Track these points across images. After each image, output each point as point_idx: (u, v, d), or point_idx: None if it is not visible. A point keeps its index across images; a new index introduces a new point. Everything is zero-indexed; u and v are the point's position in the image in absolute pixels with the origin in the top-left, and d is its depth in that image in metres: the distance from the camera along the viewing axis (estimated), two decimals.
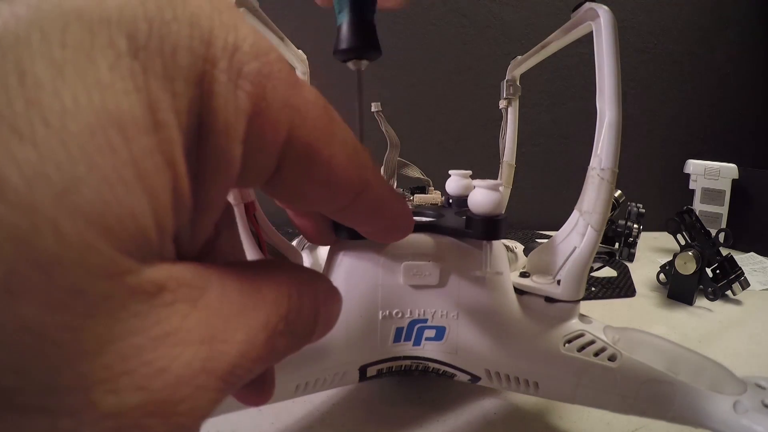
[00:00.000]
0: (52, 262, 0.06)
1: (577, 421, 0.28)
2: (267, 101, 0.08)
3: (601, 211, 0.21)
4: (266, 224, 0.23)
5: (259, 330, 0.09)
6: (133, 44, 0.07)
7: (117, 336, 0.07)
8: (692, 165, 0.79)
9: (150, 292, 0.07)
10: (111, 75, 0.07)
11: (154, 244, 0.07)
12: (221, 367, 0.08)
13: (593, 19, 0.22)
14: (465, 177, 0.27)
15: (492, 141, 0.44)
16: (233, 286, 0.09)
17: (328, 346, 0.20)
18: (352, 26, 0.19)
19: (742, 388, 0.21)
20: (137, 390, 0.07)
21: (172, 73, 0.07)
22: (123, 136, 0.07)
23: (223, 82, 0.08)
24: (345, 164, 0.10)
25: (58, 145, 0.06)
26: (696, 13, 0.92)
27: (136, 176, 0.07)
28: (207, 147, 0.08)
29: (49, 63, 0.06)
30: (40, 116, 0.06)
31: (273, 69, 0.08)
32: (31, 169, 0.06)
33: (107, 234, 0.06)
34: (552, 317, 0.22)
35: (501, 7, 0.82)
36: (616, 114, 0.21)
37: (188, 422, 0.07)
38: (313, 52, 0.41)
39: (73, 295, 0.06)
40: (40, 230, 0.06)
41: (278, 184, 0.10)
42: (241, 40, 0.08)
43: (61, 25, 0.06)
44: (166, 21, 0.07)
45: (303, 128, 0.09)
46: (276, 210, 0.15)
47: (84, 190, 0.06)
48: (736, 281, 0.51)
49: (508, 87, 0.39)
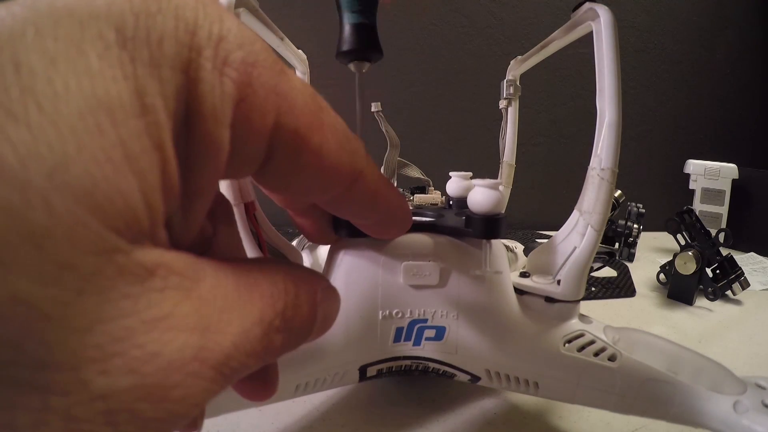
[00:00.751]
0: (43, 235, 0.06)
1: (577, 421, 0.28)
2: (253, 88, 0.09)
3: (601, 211, 0.21)
4: (266, 224, 0.23)
5: (254, 324, 0.09)
6: (121, 36, 0.07)
7: (108, 316, 0.07)
8: (692, 165, 0.79)
9: (139, 274, 0.07)
10: (100, 63, 0.07)
11: (144, 224, 0.07)
12: (214, 357, 0.08)
13: (593, 19, 0.22)
14: (465, 178, 0.27)
15: (492, 141, 0.44)
16: (229, 280, 0.09)
17: (328, 345, 0.20)
18: (353, 28, 0.20)
19: (742, 388, 0.21)
20: (128, 373, 0.07)
21: (159, 60, 0.08)
22: (111, 119, 0.07)
23: (209, 69, 0.08)
24: (336, 151, 0.10)
25: (50, 127, 0.06)
26: (696, 13, 0.92)
27: (124, 156, 0.07)
28: (195, 132, 0.08)
29: (43, 54, 0.07)
30: (34, 101, 0.06)
31: (258, 57, 0.09)
32: (25, 148, 0.06)
33: (96, 210, 0.07)
34: (552, 317, 0.22)
35: (501, 7, 0.82)
36: (616, 114, 0.21)
37: (180, 409, 0.07)
38: (313, 52, 0.41)
39: (63, 268, 0.06)
40: (32, 205, 0.06)
41: (270, 173, 0.10)
42: (226, 31, 0.08)
43: (54, 20, 0.07)
44: (151, 13, 0.08)
45: (290, 115, 0.09)
46: (276, 210, 0.15)
47: (73, 169, 0.06)
48: (736, 281, 0.51)
49: (508, 87, 0.39)
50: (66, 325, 0.06)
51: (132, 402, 0.07)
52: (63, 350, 0.06)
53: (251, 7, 0.23)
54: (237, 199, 0.21)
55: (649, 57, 0.91)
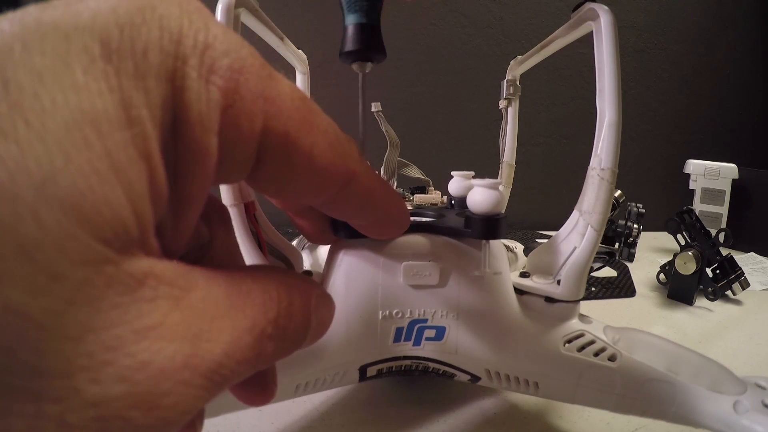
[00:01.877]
0: (33, 247, 0.06)
1: (577, 421, 0.28)
2: (240, 94, 0.09)
3: (601, 211, 0.21)
4: (266, 224, 0.23)
5: (246, 332, 0.09)
6: (106, 48, 0.07)
7: (99, 325, 0.07)
8: (692, 165, 0.79)
9: (129, 284, 0.07)
10: (85, 77, 0.07)
11: (133, 233, 0.08)
12: (205, 365, 0.08)
13: (593, 19, 0.22)
14: (467, 178, 0.27)
15: (492, 141, 0.44)
16: (220, 289, 0.09)
17: (328, 346, 0.20)
18: (357, 29, 0.20)
19: (742, 388, 0.21)
20: (120, 381, 0.07)
21: (144, 71, 0.08)
22: (97, 132, 0.07)
23: (195, 78, 0.08)
24: (327, 153, 0.10)
25: (38, 142, 0.07)
26: (696, 13, 0.92)
27: (110, 168, 0.07)
28: (183, 140, 0.08)
29: (30, 70, 0.07)
30: (21, 117, 0.07)
31: (245, 63, 0.09)
32: (14, 163, 0.06)
33: (84, 222, 0.07)
34: (552, 317, 0.22)
35: (501, 7, 0.82)
36: (616, 114, 0.21)
37: (171, 417, 0.07)
38: (313, 53, 0.41)
39: (53, 279, 0.06)
40: (22, 217, 0.06)
41: (262, 177, 0.10)
42: (212, 38, 0.09)
43: (40, 35, 0.07)
44: (136, 24, 0.08)
45: (279, 118, 0.09)
46: (276, 210, 0.15)
47: (61, 181, 0.07)
48: (736, 281, 0.51)
49: (508, 87, 0.39)
50: (58, 334, 0.06)
51: (124, 409, 0.07)
52: (56, 358, 0.06)
53: (251, 7, 0.23)
54: (237, 199, 0.21)
55: (649, 57, 0.91)
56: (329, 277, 0.21)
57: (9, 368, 0.06)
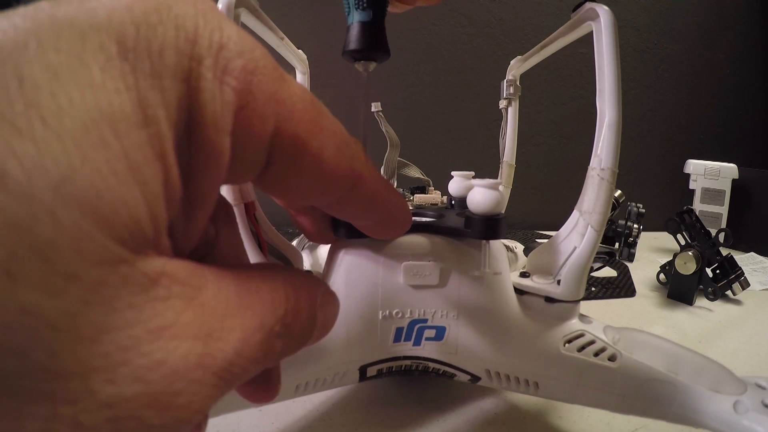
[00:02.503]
0: (49, 248, 0.06)
1: (577, 421, 0.28)
2: (253, 95, 0.09)
3: (601, 211, 0.21)
4: (266, 224, 0.23)
5: (255, 330, 0.09)
6: (122, 47, 0.07)
7: (114, 326, 0.07)
8: (692, 165, 0.79)
9: (143, 284, 0.07)
10: (102, 76, 0.07)
11: (147, 233, 0.08)
12: (217, 364, 0.08)
13: (593, 19, 0.22)
14: (468, 178, 0.27)
15: (492, 141, 0.44)
16: (230, 288, 0.09)
17: (328, 346, 0.20)
18: (361, 27, 0.19)
19: (742, 388, 0.21)
20: (134, 381, 0.07)
21: (160, 71, 0.08)
22: (114, 131, 0.07)
23: (209, 78, 0.08)
24: (335, 156, 0.10)
25: (55, 141, 0.06)
26: (696, 13, 0.92)
27: (128, 168, 0.07)
28: (197, 140, 0.08)
29: (46, 67, 0.07)
30: (38, 115, 0.06)
31: (258, 65, 0.09)
32: (31, 162, 0.06)
33: (100, 222, 0.07)
34: (552, 317, 0.22)
35: (501, 7, 0.82)
36: (616, 114, 0.21)
37: (184, 416, 0.07)
38: (313, 53, 0.41)
39: (69, 280, 0.06)
40: (39, 218, 0.06)
41: (270, 178, 0.10)
42: (227, 39, 0.09)
43: (56, 32, 0.07)
44: (152, 24, 0.08)
45: (290, 121, 0.09)
46: (276, 210, 0.15)
47: (78, 181, 0.07)
48: (736, 281, 0.51)
49: (508, 87, 0.39)
50: (73, 335, 0.06)
51: (138, 409, 0.07)
52: (70, 359, 0.06)
53: (251, 7, 0.23)
54: (237, 199, 0.21)
55: (649, 57, 0.91)
56: (329, 277, 0.21)
57: (23, 370, 0.06)
